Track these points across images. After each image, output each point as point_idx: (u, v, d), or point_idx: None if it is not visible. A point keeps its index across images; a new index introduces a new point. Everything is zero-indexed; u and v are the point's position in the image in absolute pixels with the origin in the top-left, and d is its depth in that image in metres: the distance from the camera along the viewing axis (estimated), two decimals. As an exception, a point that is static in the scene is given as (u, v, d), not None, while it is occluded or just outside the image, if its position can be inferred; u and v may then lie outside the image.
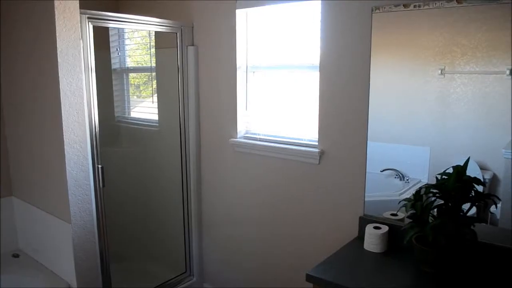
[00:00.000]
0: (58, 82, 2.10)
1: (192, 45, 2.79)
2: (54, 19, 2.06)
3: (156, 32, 3.05)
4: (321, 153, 2.30)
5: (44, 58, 2.20)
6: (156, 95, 3.20)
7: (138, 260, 3.37)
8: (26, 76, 2.41)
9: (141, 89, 3.49)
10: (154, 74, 3.24)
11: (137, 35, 3.40)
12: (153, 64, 3.21)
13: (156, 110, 3.18)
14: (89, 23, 2.25)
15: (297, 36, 2.44)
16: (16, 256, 2.71)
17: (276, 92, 2.59)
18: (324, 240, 2.36)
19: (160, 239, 3.31)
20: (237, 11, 2.57)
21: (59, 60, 2.09)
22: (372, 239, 2.05)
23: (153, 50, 3.19)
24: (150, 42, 3.23)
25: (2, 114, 2.68)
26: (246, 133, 2.71)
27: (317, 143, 2.34)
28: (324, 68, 2.23)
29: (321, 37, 2.21)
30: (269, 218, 2.61)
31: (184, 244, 3.03)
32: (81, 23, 2.19)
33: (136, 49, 3.46)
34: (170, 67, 2.85)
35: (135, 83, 3.51)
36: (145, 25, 2.60)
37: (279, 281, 2.62)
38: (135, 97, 3.49)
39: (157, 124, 3.19)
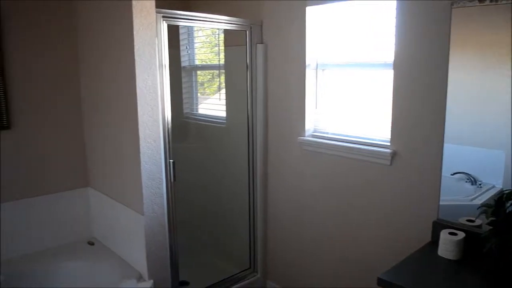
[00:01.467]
0: (135, 79, 2.18)
1: (261, 43, 2.80)
2: (132, 18, 2.14)
3: (225, 30, 3.09)
4: (393, 154, 2.22)
5: (121, 56, 2.29)
6: (224, 92, 3.24)
7: (204, 254, 3.44)
8: (104, 73, 2.53)
9: (209, 86, 3.55)
10: (222, 71, 3.28)
11: (206, 33, 3.46)
12: (222, 62, 3.25)
13: (223, 107, 3.23)
14: (164, 21, 2.32)
15: (368, 33, 2.37)
16: (91, 244, 2.85)
17: (345, 90, 2.54)
18: (394, 243, 2.29)
19: (226, 234, 3.36)
20: (307, 8, 2.54)
21: (136, 57, 2.17)
22: (448, 245, 1.95)
23: (221, 47, 3.24)
24: (219, 40, 3.28)
25: (81, 109, 2.83)
26: (315, 132, 2.68)
27: (389, 144, 2.26)
28: (399, 66, 2.15)
29: (396, 34, 2.13)
30: (337, 219, 2.56)
31: (249, 240, 3.06)
32: (156, 22, 2.26)
33: (205, 47, 3.52)
34: (239, 65, 2.88)
35: (203, 80, 3.58)
36: (215, 23, 2.64)
37: (347, 284, 2.57)
38: (203, 94, 3.56)
39: (225, 121, 3.23)
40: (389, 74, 2.22)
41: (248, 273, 3.09)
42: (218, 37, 3.28)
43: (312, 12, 2.55)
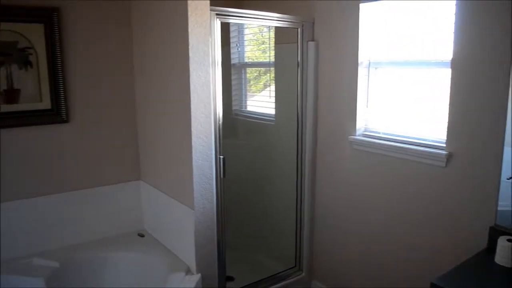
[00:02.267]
0: (189, 75, 2.21)
1: (313, 40, 2.78)
2: (187, 16, 2.18)
3: (276, 28, 3.09)
4: (449, 156, 2.15)
5: (176, 53, 2.33)
6: (273, 90, 3.24)
7: (250, 250, 3.46)
8: (158, 69, 2.58)
9: (258, 83, 3.57)
10: (272, 69, 3.28)
11: (256, 31, 3.47)
12: (272, 59, 3.25)
13: (273, 105, 3.23)
14: (217, 19, 2.34)
15: (423, 30, 2.30)
16: (141, 235, 2.93)
17: (398, 89, 2.48)
18: (448, 248, 2.21)
19: (272, 231, 3.37)
20: (361, 5, 2.50)
21: (190, 54, 2.20)
22: (506, 253, 1.86)
23: (272, 45, 3.24)
24: (269, 38, 3.28)
25: (135, 105, 2.91)
26: (365, 131, 2.63)
27: (444, 145, 2.19)
28: (458, 65, 2.07)
29: (455, 31, 2.06)
30: (387, 220, 2.51)
31: (295, 239, 3.05)
32: (210, 19, 2.29)
33: (255, 44, 3.54)
34: (289, 63, 2.87)
35: (253, 77, 3.60)
36: (267, 20, 2.65)
37: (396, 287, 2.51)
38: (252, 91, 3.58)
39: (274, 119, 3.24)
40: (446, 73, 2.15)
41: (293, 272, 3.08)
42: (269, 35, 3.28)
43: (365, 9, 2.51)
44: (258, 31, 3.45)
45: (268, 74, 3.39)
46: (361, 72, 2.57)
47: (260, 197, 3.43)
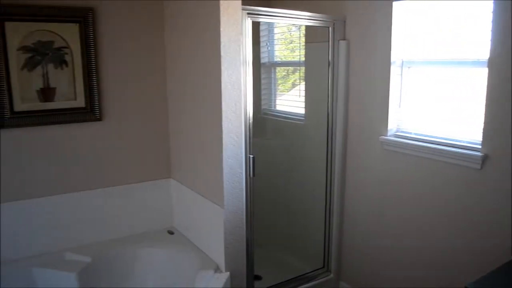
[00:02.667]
0: (220, 74, 2.22)
1: (344, 39, 2.75)
2: (219, 15, 2.18)
3: (306, 26, 3.07)
4: (485, 157, 2.09)
5: (207, 52, 2.35)
6: (303, 89, 3.23)
7: (278, 250, 3.46)
8: (189, 69, 2.60)
9: (287, 83, 3.56)
10: (302, 68, 3.27)
11: (286, 30, 3.46)
12: (302, 59, 3.24)
13: (302, 104, 3.22)
14: (248, 18, 2.35)
15: (459, 29, 2.24)
16: (171, 233, 2.97)
17: (432, 89, 2.43)
18: (481, 252, 2.16)
19: (301, 231, 3.35)
20: (394, 3, 2.46)
21: (221, 53, 2.21)
22: (545, 258, 1.81)
23: (302, 44, 3.22)
24: (300, 37, 3.27)
25: (167, 103, 2.94)
26: (397, 131, 2.59)
27: (479, 146, 2.13)
28: (495, 64, 2.01)
29: (493, 30, 2.00)
30: (418, 223, 2.46)
31: (324, 239, 3.03)
32: (241, 19, 2.29)
33: (285, 44, 3.53)
34: (320, 62, 2.85)
35: (282, 77, 3.59)
36: (298, 19, 2.64)
37: (426, 290, 2.47)
38: (281, 90, 3.57)
39: (303, 118, 3.22)
40: (482, 72, 2.10)
41: (321, 272, 3.06)
42: (299, 34, 3.27)
43: (399, 8, 2.47)
44: (288, 30, 3.44)
45: (298, 73, 3.38)
46: (394, 71, 2.53)
47: (288, 197, 3.42)
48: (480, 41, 2.12)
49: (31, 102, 2.48)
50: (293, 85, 3.46)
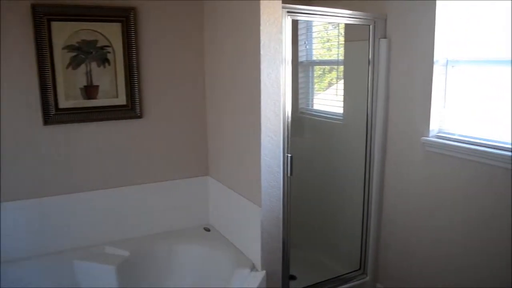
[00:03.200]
0: (260, 73, 2.22)
1: (385, 37, 2.70)
2: (259, 14, 2.18)
3: (346, 25, 3.03)
4: (535, 161, 2.01)
5: (247, 51, 2.35)
6: (341, 88, 3.18)
7: (313, 250, 3.43)
8: (228, 67, 2.61)
9: (325, 82, 3.52)
10: (340, 67, 3.23)
11: (325, 28, 3.42)
12: (341, 57, 3.19)
13: (340, 104, 3.17)
14: (288, 16, 2.33)
15: (506, 27, 2.15)
16: (207, 230, 2.99)
17: (478, 89, 2.34)
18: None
19: (337, 232, 3.31)
20: (438, 1, 2.39)
21: (261, 52, 2.20)
22: None
23: (341, 42, 3.18)
24: (338, 35, 3.23)
25: (205, 101, 2.97)
26: (440, 132, 2.52)
27: (528, 149, 2.05)
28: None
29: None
30: (461, 227, 2.39)
31: (361, 241, 2.98)
32: (281, 17, 2.28)
33: (323, 42, 3.49)
34: (359, 61, 2.81)
35: (320, 76, 3.55)
36: (338, 17, 2.60)
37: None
38: (319, 90, 3.54)
39: (341, 118, 3.18)
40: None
41: (357, 275, 3.02)
42: (338, 32, 3.22)
43: (443, 6, 2.39)
44: (326, 28, 3.40)
45: (336, 72, 3.33)
46: (437, 70, 2.46)
47: (325, 197, 3.39)
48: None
49: (75, 99, 2.55)
50: (331, 84, 3.42)
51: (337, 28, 3.22)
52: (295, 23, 3.33)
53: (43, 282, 2.52)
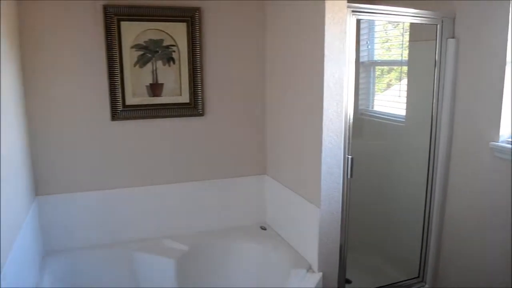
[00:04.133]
0: (323, 73, 2.20)
1: (453, 37, 2.59)
2: (324, 13, 2.16)
3: (411, 24, 2.94)
4: None
5: (310, 50, 2.33)
6: (404, 89, 3.10)
7: (370, 255, 3.36)
8: (289, 67, 2.61)
9: (387, 82, 3.44)
10: (404, 68, 3.14)
11: (388, 27, 3.34)
12: (404, 57, 3.11)
13: (403, 105, 3.09)
14: (353, 16, 2.30)
15: None
16: (263, 228, 3.01)
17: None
18: None
19: (395, 238, 3.22)
20: (513, 0, 2.27)
21: (325, 52, 2.19)
22: None
23: (405, 42, 3.09)
24: (403, 34, 3.14)
25: (265, 100, 2.99)
26: (509, 137, 2.39)
27: None
28: None
29: None
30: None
31: (421, 248, 2.88)
32: (346, 16, 2.25)
33: (385, 42, 3.41)
34: (425, 61, 2.72)
35: (382, 76, 3.48)
36: (405, 16, 2.54)
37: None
38: (380, 90, 3.46)
39: (404, 120, 3.09)
40: None
41: (415, 282, 2.92)
42: (402, 31, 3.14)
43: (519, 3, 2.27)
44: (388, 27, 3.32)
45: (397, 73, 3.25)
46: (509, 72, 2.33)
47: (384, 201, 3.30)
48: None
49: (141, 96, 2.65)
50: (393, 85, 3.33)
51: (402, 27, 3.13)
52: (357, 22, 3.27)
53: (105, 270, 2.64)
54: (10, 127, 2.09)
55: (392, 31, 3.32)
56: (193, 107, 2.76)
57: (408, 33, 3.04)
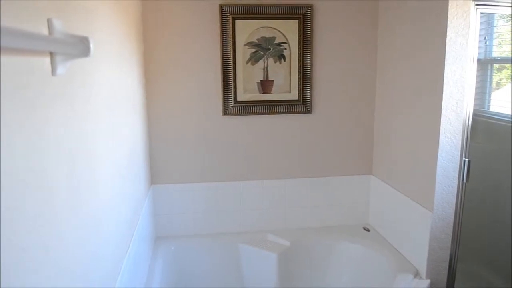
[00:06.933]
0: (443, 70, 2.10)
1: None
2: (447, 7, 2.06)
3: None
4: None
5: (428, 47, 2.24)
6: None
7: (480, 265, 3.14)
8: (402, 65, 2.53)
9: (506, 82, 3.17)
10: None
11: (500, 22, 3.08)
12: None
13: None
14: (477, 9, 2.15)
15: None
16: (366, 229, 2.94)
17: None
18: None
19: (509, 250, 2.97)
20: None
21: (446, 48, 2.08)
22: None
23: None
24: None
25: (375, 100, 2.92)
26: None
27: None
28: None
29: None
30: None
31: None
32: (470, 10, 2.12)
33: (506, 36, 3.14)
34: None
35: (501, 75, 3.21)
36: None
37: None
38: (498, 90, 3.20)
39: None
40: None
41: (530, 299, 2.68)
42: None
43: None
44: (500, 23, 3.05)
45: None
46: None
47: (500, 209, 3.06)
48: None
49: (252, 92, 2.73)
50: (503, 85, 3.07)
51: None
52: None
53: (211, 258, 2.77)
54: (138, 127, 2.30)
55: (503, 27, 3.05)
56: (301, 104, 2.78)
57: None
